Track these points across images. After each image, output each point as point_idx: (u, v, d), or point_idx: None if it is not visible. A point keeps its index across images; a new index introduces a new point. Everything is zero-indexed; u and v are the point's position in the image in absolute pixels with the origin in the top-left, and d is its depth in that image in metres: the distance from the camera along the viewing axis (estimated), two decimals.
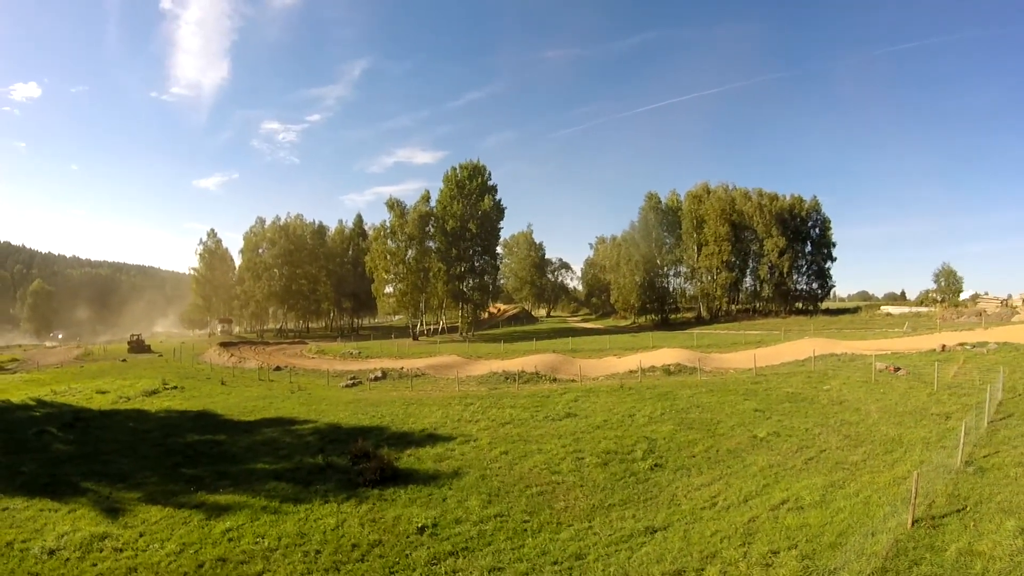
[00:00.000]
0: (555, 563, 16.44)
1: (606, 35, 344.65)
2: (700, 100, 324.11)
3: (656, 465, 24.70)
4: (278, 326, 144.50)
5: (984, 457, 20.75)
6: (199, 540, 19.55)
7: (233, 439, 34.05)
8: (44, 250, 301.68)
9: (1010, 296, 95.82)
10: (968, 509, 16.22)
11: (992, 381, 30.92)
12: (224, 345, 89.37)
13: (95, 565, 18.28)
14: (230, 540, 19.43)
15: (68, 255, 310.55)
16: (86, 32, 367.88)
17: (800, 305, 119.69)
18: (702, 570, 14.95)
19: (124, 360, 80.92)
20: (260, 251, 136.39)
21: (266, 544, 18.83)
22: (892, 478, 20.16)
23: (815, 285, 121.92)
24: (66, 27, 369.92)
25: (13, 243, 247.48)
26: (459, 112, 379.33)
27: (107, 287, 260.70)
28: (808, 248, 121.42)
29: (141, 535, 20.33)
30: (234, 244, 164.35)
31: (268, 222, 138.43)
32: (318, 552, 18.17)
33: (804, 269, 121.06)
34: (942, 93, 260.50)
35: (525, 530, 18.95)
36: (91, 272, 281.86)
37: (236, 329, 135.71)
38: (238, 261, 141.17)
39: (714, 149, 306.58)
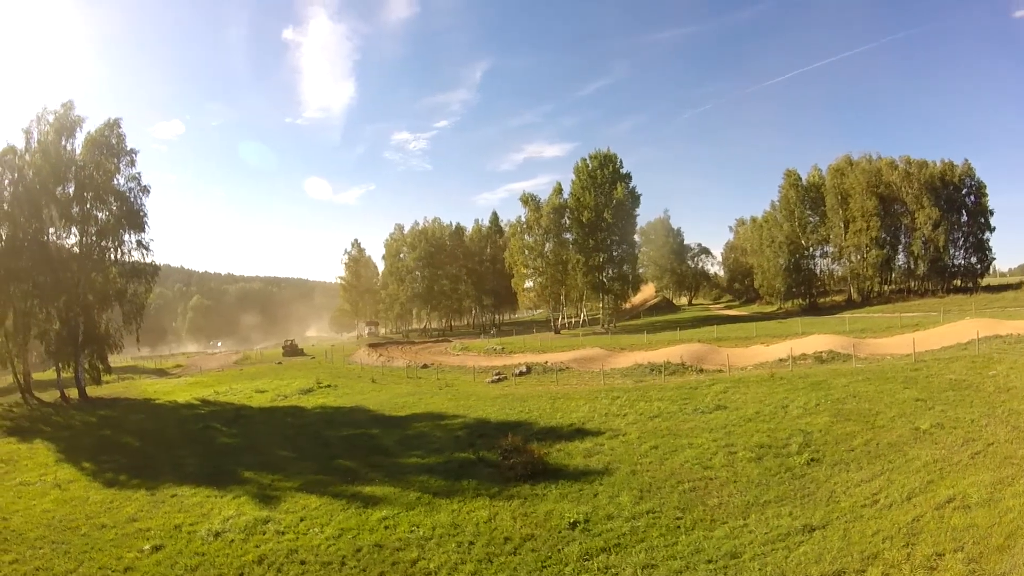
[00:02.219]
0: (709, 561, 16.20)
1: (717, 9, 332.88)
2: (830, 67, 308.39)
3: (812, 459, 23.75)
4: (422, 326, 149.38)
5: None
6: (356, 526, 20.54)
7: (385, 433, 35.41)
8: (201, 269, 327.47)
9: None
10: None
11: None
12: (372, 346, 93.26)
13: (258, 546, 19.61)
14: (386, 528, 20.31)
15: (223, 272, 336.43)
16: (219, 69, 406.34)
17: (958, 282, 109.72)
18: (863, 572, 14.37)
19: (279, 363, 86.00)
20: (401, 255, 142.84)
21: (420, 533, 19.54)
22: None
23: (973, 259, 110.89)
24: (200, 67, 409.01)
25: (172, 265, 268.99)
26: (583, 102, 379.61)
27: (260, 299, 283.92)
28: (964, 218, 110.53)
29: (301, 520, 21.65)
30: (375, 251, 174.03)
31: (407, 227, 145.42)
32: (471, 543, 18.66)
33: (961, 242, 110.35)
34: None
35: (678, 527, 18.75)
36: (245, 286, 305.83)
37: (382, 331, 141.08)
38: (380, 267, 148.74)
39: (851, 117, 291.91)
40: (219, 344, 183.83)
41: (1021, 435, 24.22)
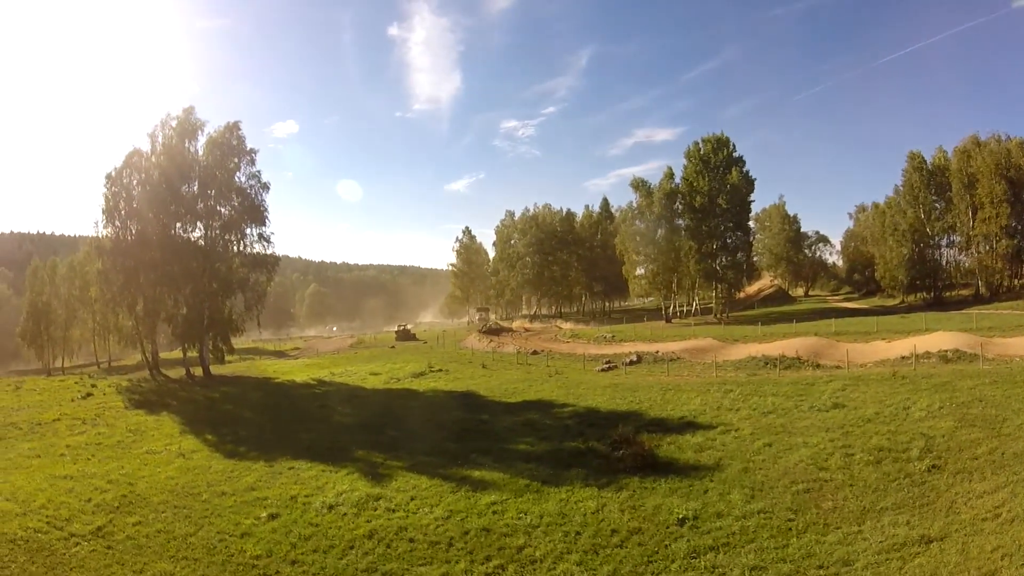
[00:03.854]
0: (820, 567, 16.09)
1: None
2: (954, 39, 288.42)
3: (934, 466, 22.81)
4: (532, 312, 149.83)
5: None
6: (465, 509, 21.11)
7: (495, 418, 36.02)
8: (317, 259, 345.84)
9: None
10: None
11: None
12: (484, 332, 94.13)
13: (369, 521, 20.50)
14: (494, 513, 20.78)
15: (339, 261, 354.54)
16: (329, 69, 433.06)
17: None
18: None
19: (392, 347, 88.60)
20: (512, 242, 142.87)
21: (528, 520, 19.89)
22: None
23: None
24: (311, 68, 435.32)
25: (291, 255, 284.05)
26: (694, 85, 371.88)
27: (375, 286, 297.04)
28: None
29: (412, 499, 22.49)
30: (486, 239, 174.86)
31: (517, 214, 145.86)
32: (578, 533, 18.92)
33: None
34: None
35: (789, 529, 18.62)
36: (360, 275, 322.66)
37: (493, 317, 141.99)
38: (491, 254, 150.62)
39: (979, 94, 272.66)
40: (335, 328, 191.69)
41: None
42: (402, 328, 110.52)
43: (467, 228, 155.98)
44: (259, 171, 66.14)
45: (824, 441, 26.45)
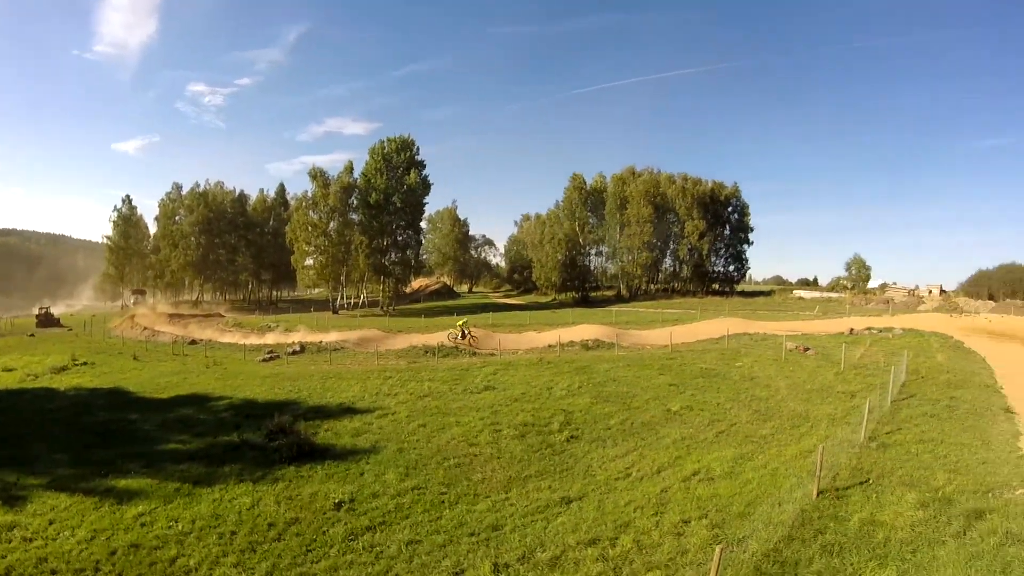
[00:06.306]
0: (472, 534, 16.57)
1: (563, 14, 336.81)
2: (637, 85, 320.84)
3: (572, 437, 25.28)
4: (194, 297, 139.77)
5: (887, 434, 21.75)
6: (111, 526, 18.95)
7: (146, 417, 32.99)
8: None
9: (917, 287, 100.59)
10: (871, 482, 16.95)
11: (896, 363, 32.17)
12: (137, 317, 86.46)
13: (4, 557, 17.47)
14: (143, 525, 18.85)
15: None
16: None
17: (717, 286, 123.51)
18: (616, 539, 15.27)
19: (32, 335, 77.10)
20: (177, 219, 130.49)
21: (180, 528, 18.38)
22: (799, 451, 20.99)
23: (732, 268, 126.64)
24: None
25: None
26: (399, 83, 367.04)
27: (13, 256, 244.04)
28: (727, 232, 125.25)
29: (51, 523, 19.47)
30: (152, 212, 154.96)
31: (187, 189, 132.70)
32: (233, 533, 17.85)
33: (722, 252, 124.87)
34: (861, 95, 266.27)
35: (442, 502, 19.07)
36: None
37: (150, 300, 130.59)
38: (154, 229, 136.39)
39: (645, 133, 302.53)
40: None
41: (760, 417, 27.04)
42: (44, 312, 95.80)
43: (127, 197, 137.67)
44: None
45: (475, 420, 28.00)
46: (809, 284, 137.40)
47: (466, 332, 55.47)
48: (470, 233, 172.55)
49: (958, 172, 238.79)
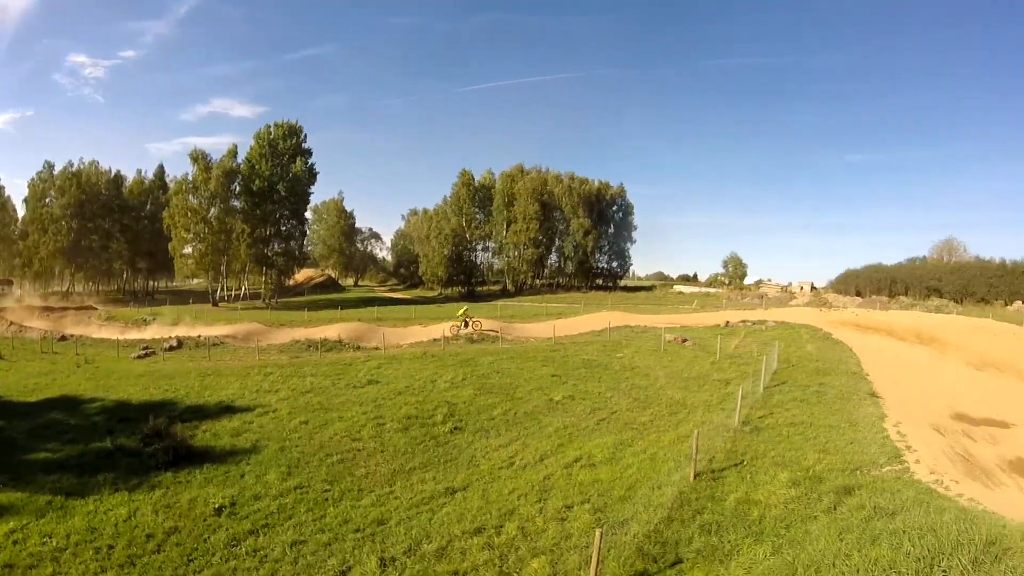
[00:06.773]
0: (357, 530, 16.35)
1: (459, 10, 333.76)
2: (530, 85, 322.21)
3: (456, 428, 25.39)
4: (65, 288, 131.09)
5: (759, 418, 22.66)
6: None
7: (12, 424, 30.90)
8: None
9: (790, 283, 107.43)
10: (745, 463, 17.60)
11: (768, 353, 33.65)
12: (4, 312, 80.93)
13: None
14: (15, 543, 17.62)
15: None
16: None
17: (600, 282, 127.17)
18: (501, 527, 15.36)
19: None
20: (47, 201, 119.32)
21: (55, 544, 17.30)
22: (677, 437, 21.58)
23: (615, 264, 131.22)
24: None
25: None
26: (290, 67, 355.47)
27: None
28: (611, 230, 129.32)
29: None
30: (23, 193, 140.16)
31: (59, 168, 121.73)
32: (111, 547, 16.94)
33: (606, 249, 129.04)
34: (744, 109, 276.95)
35: (326, 500, 18.77)
36: None
37: (17, 292, 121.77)
38: (22, 212, 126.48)
39: (536, 133, 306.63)
40: None
41: (639, 405, 27.78)
42: None
43: None
44: None
45: (358, 414, 27.73)
46: (689, 280, 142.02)
47: (468, 321, 55.06)
48: (356, 226, 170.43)
49: (828, 182, 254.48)
